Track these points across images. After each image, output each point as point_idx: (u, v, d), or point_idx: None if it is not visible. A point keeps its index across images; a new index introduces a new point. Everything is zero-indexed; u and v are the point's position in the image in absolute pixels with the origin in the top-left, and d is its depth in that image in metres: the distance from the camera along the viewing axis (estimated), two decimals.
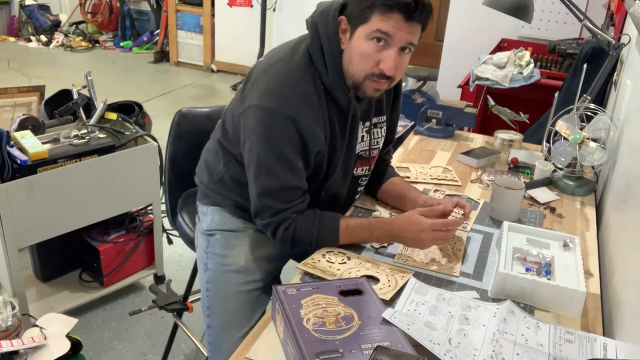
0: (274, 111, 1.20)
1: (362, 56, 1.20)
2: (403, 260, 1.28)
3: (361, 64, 1.21)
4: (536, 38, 3.72)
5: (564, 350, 1.00)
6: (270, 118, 1.20)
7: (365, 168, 1.45)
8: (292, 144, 1.22)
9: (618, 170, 1.54)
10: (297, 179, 1.26)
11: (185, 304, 1.89)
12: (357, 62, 1.21)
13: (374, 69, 1.20)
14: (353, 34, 1.20)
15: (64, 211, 1.94)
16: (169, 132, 1.72)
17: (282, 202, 1.26)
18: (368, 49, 1.19)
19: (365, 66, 1.21)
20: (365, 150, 1.42)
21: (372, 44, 1.18)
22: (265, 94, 1.21)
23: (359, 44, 1.19)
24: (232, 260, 1.37)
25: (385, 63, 1.19)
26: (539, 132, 2.25)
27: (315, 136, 1.24)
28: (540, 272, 1.21)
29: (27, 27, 6.42)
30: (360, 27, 1.19)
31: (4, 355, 1.53)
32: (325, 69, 1.24)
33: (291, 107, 1.20)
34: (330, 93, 1.27)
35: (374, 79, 1.22)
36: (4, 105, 2.24)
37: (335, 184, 1.38)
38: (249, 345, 1.02)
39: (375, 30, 1.17)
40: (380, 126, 1.44)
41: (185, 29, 5.67)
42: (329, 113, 1.27)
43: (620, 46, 1.91)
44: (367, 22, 1.17)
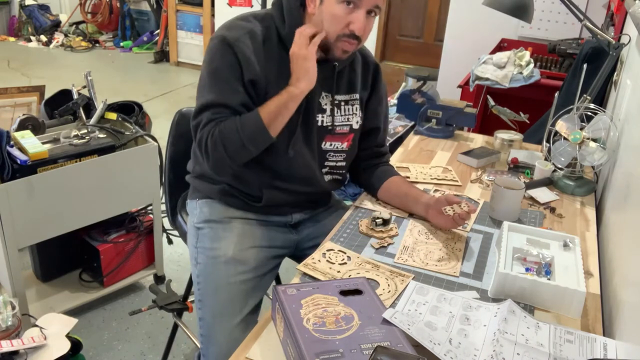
0: (218, 37, 1.34)
1: (333, 18, 1.29)
2: (403, 260, 1.28)
3: (332, 26, 1.30)
4: (536, 38, 3.72)
5: (564, 350, 1.00)
6: (215, 44, 1.34)
7: (335, 144, 1.47)
8: (230, 65, 1.32)
9: (618, 170, 1.54)
10: (235, 99, 1.33)
11: (185, 304, 1.89)
12: (328, 24, 1.30)
13: (344, 30, 1.30)
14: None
15: (64, 211, 1.95)
16: (169, 131, 1.72)
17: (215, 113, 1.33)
18: (339, 12, 1.28)
19: (336, 28, 1.30)
20: (330, 124, 1.44)
21: (342, 7, 1.28)
22: (222, 27, 1.37)
23: (330, 7, 1.29)
24: (220, 252, 1.38)
25: (355, 24, 1.29)
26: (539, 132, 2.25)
27: (250, 63, 1.32)
28: (540, 272, 1.21)
29: (27, 27, 6.43)
30: None
31: (4, 355, 1.53)
32: (282, 21, 1.35)
33: (233, 35, 1.32)
34: (286, 45, 1.34)
35: (345, 40, 1.31)
36: (4, 105, 2.24)
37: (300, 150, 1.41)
38: (249, 345, 1.02)
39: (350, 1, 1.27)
40: (352, 103, 1.47)
41: (185, 29, 5.68)
42: (280, 64, 1.34)
43: (620, 46, 1.92)
44: None
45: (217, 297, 1.33)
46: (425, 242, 1.36)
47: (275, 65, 1.35)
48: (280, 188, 1.44)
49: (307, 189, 1.48)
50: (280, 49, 1.36)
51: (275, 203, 1.45)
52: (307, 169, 1.45)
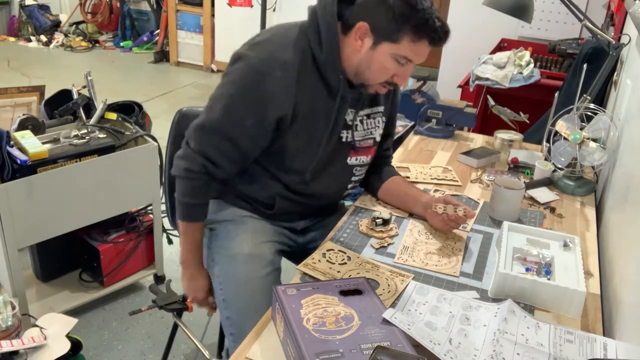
0: (249, 64, 1.26)
1: (382, 70, 1.27)
2: (403, 260, 1.28)
3: (379, 75, 1.28)
4: (536, 38, 3.72)
5: (564, 350, 1.00)
6: (243, 69, 1.27)
7: (360, 158, 1.45)
8: (250, 99, 1.26)
9: (618, 170, 1.54)
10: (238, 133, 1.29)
11: (185, 304, 1.88)
12: (375, 72, 1.28)
13: (388, 79, 1.29)
14: (377, 46, 1.24)
15: (64, 211, 1.94)
16: (169, 131, 1.71)
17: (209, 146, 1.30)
18: (389, 66, 1.25)
19: (382, 77, 1.29)
20: (359, 140, 1.42)
21: (394, 62, 1.25)
22: (253, 47, 1.29)
23: (383, 59, 1.25)
24: (236, 250, 1.37)
25: (401, 78, 1.29)
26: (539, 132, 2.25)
27: (275, 99, 1.27)
28: (540, 272, 1.21)
29: (27, 27, 6.42)
30: (387, 44, 1.23)
31: (4, 355, 1.53)
32: (319, 49, 1.28)
33: (266, 65, 1.25)
34: (321, 71, 1.30)
35: (383, 85, 1.31)
36: (4, 105, 2.24)
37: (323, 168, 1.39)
38: (249, 345, 1.02)
39: (403, 56, 1.24)
40: (374, 117, 1.45)
41: (185, 29, 5.67)
42: (315, 91, 1.31)
43: (620, 46, 1.91)
44: (396, 42, 1.22)
45: (241, 295, 1.33)
46: (425, 242, 1.36)
47: (307, 96, 1.30)
48: (294, 200, 1.44)
49: (321, 203, 1.49)
50: (314, 76, 1.30)
51: (285, 212, 1.46)
52: (330, 188, 1.45)
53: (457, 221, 1.36)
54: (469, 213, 1.35)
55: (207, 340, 2.04)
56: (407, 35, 1.21)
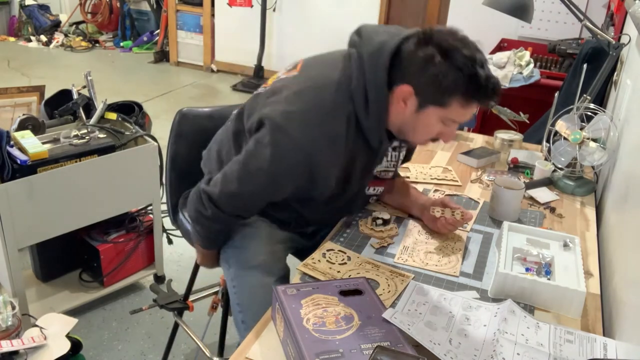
0: (295, 142, 1.18)
1: (427, 131, 1.23)
2: (403, 260, 1.28)
3: (423, 135, 1.25)
4: (536, 38, 3.72)
5: (564, 350, 1.00)
6: (289, 146, 1.18)
7: (378, 188, 1.45)
8: (295, 175, 1.23)
9: (618, 170, 1.54)
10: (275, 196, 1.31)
11: (186, 303, 1.89)
12: (419, 133, 1.25)
13: (433, 137, 1.25)
14: (423, 109, 1.18)
15: (64, 211, 1.94)
16: (170, 131, 1.72)
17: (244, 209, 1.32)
18: (435, 128, 1.21)
19: (426, 137, 1.26)
20: (381, 170, 1.42)
21: (440, 124, 1.21)
22: (295, 119, 1.18)
23: (429, 122, 1.20)
24: (251, 256, 1.36)
25: (447, 137, 1.25)
26: (539, 132, 2.25)
27: (325, 176, 1.24)
28: (540, 272, 1.21)
29: (27, 27, 6.42)
30: (435, 108, 1.17)
31: (4, 355, 1.53)
32: (365, 114, 1.21)
33: (315, 145, 1.18)
34: (364, 134, 1.24)
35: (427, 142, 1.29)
36: (4, 105, 2.24)
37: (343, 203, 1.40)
38: (249, 345, 1.02)
39: (451, 119, 1.20)
40: (399, 150, 1.43)
41: (185, 29, 5.67)
42: (355, 151, 1.25)
43: (620, 46, 1.92)
44: (444, 106, 1.16)
45: (256, 300, 1.32)
46: (425, 242, 1.36)
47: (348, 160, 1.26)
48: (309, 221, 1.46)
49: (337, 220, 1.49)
50: (357, 140, 1.23)
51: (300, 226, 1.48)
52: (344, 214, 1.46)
53: (455, 224, 1.37)
54: (466, 216, 1.35)
55: (207, 339, 2.04)
56: (457, 100, 1.15)
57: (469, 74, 1.12)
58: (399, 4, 4.95)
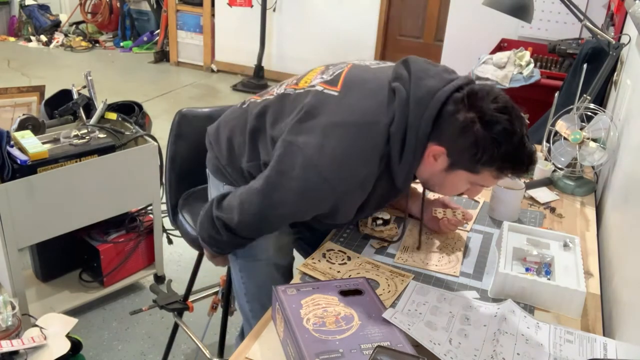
0: (326, 180, 1.14)
1: (454, 189, 1.22)
2: (403, 260, 1.28)
3: (450, 192, 1.25)
4: (536, 38, 3.72)
5: (564, 350, 1.00)
6: (318, 184, 1.14)
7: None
8: (318, 209, 1.22)
9: (618, 170, 1.54)
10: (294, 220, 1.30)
11: (185, 304, 1.89)
12: (446, 189, 1.24)
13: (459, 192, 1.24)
14: (452, 170, 1.16)
15: (64, 211, 1.94)
16: (170, 132, 1.72)
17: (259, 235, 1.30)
18: (462, 187, 1.20)
19: (451, 194, 1.27)
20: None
21: (468, 184, 1.19)
22: (329, 154, 1.13)
23: (457, 182, 1.18)
24: (259, 251, 1.34)
25: (472, 195, 1.24)
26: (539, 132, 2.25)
27: (347, 210, 1.24)
28: (540, 272, 1.21)
29: (27, 27, 6.42)
30: (465, 172, 1.15)
31: (4, 355, 1.53)
32: (399, 157, 1.16)
33: (346, 186, 1.16)
34: (392, 173, 1.20)
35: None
36: (4, 105, 2.24)
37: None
38: (249, 345, 1.02)
39: (480, 184, 1.18)
40: None
41: (185, 29, 5.67)
42: (377, 186, 1.22)
43: (620, 46, 1.91)
44: (475, 173, 1.14)
45: (263, 291, 1.32)
46: (425, 243, 1.36)
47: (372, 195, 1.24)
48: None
49: None
50: (384, 178, 1.20)
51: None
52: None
53: (457, 224, 1.38)
54: (467, 216, 1.36)
55: (207, 339, 2.04)
56: (490, 171, 1.13)
57: (507, 149, 1.09)
58: (399, 4, 4.95)
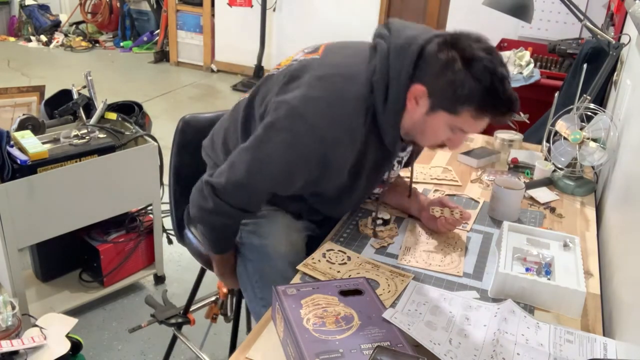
0: (314, 129, 1.14)
1: (434, 136, 1.20)
2: (406, 261, 1.28)
3: (430, 140, 1.23)
4: (536, 38, 3.72)
5: (564, 350, 1.00)
6: (307, 134, 1.14)
7: (382, 189, 1.46)
8: (308, 165, 1.18)
9: (618, 170, 1.54)
10: (284, 190, 1.27)
11: (186, 317, 1.84)
12: (427, 137, 1.22)
13: (440, 143, 1.22)
14: (433, 112, 1.15)
15: (64, 211, 1.94)
16: (173, 141, 1.64)
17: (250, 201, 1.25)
18: (443, 134, 1.19)
19: (433, 142, 1.23)
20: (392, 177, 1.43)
21: (449, 131, 1.18)
22: (315, 104, 1.14)
23: (437, 127, 1.17)
24: (272, 249, 1.31)
25: (453, 144, 1.21)
26: (539, 132, 2.25)
27: (337, 169, 1.21)
28: (540, 272, 1.21)
29: (27, 27, 6.42)
30: (445, 113, 1.14)
31: (4, 355, 1.53)
32: (383, 108, 1.18)
33: (334, 134, 1.15)
34: (379, 129, 1.21)
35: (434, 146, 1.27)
36: (4, 105, 2.24)
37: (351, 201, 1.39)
38: (249, 345, 1.02)
39: (459, 128, 1.16)
40: (405, 155, 1.43)
41: (185, 29, 5.67)
42: (368, 145, 1.22)
43: (620, 46, 1.91)
44: (455, 114, 1.13)
45: None
46: (426, 242, 1.36)
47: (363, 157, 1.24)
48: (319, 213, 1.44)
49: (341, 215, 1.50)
50: (372, 135, 1.21)
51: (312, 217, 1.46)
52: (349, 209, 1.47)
53: (455, 224, 1.37)
54: (465, 215, 1.36)
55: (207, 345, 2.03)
56: (469, 111, 1.11)
57: (486, 87, 1.08)
58: (399, 4, 4.95)
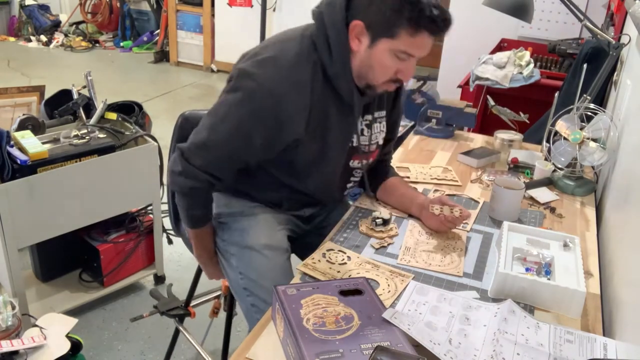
0: (262, 85, 1.21)
1: (383, 68, 1.23)
2: (406, 261, 1.28)
3: (381, 74, 1.25)
4: (536, 38, 3.72)
5: (564, 350, 1.00)
6: (256, 89, 1.21)
7: (362, 161, 1.45)
8: (264, 122, 1.23)
9: (618, 170, 1.54)
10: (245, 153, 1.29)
11: (187, 310, 1.86)
12: (377, 71, 1.25)
13: (392, 77, 1.25)
14: (374, 44, 1.21)
15: (64, 211, 1.94)
16: (172, 136, 1.66)
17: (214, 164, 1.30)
18: (390, 63, 1.22)
19: (384, 76, 1.25)
20: (365, 145, 1.42)
21: (395, 59, 1.21)
22: (261, 65, 1.23)
23: (382, 57, 1.22)
24: (253, 241, 1.38)
25: (405, 74, 1.25)
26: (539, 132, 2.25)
27: (293, 124, 1.25)
28: (540, 272, 1.21)
29: (27, 27, 6.42)
30: (385, 40, 1.20)
31: (4, 355, 1.53)
32: (329, 59, 1.24)
33: (281, 87, 1.21)
34: (332, 83, 1.27)
35: (389, 83, 1.28)
36: (4, 105, 2.24)
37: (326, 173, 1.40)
38: (249, 345, 1.02)
39: (403, 51, 1.20)
40: (379, 121, 1.45)
41: (185, 29, 5.67)
42: (326, 103, 1.28)
43: (620, 46, 1.91)
44: (393, 37, 1.18)
45: (264, 282, 1.33)
46: (426, 242, 1.36)
47: (320, 112, 1.28)
48: (299, 200, 1.47)
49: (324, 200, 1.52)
50: (326, 89, 1.27)
51: (293, 208, 1.49)
52: (330, 187, 1.47)
53: (454, 222, 1.37)
54: (464, 213, 1.36)
55: (208, 343, 2.04)
56: (404, 29, 1.17)
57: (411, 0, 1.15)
58: None
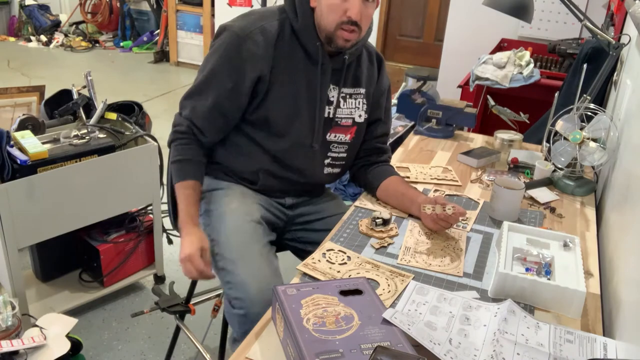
0: (231, 31, 1.39)
1: (330, 8, 1.35)
2: (406, 261, 1.28)
3: (330, 15, 1.35)
4: (536, 38, 3.72)
5: (564, 350, 1.00)
6: (226, 35, 1.39)
7: (339, 135, 1.51)
8: (230, 62, 1.38)
9: (618, 170, 1.54)
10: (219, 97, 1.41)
11: (187, 306, 1.87)
12: (327, 14, 1.36)
13: (342, 17, 1.34)
14: None
15: (64, 211, 1.94)
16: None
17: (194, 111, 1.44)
18: (335, 1, 1.34)
19: (334, 17, 1.35)
20: (340, 117, 1.50)
21: None
22: (236, 19, 1.42)
23: None
24: (225, 207, 1.45)
25: (352, 10, 1.33)
26: (539, 132, 2.25)
27: (256, 61, 1.37)
28: (540, 272, 1.21)
29: (27, 27, 6.43)
30: None
31: (4, 355, 1.53)
32: (295, 16, 1.40)
33: (246, 29, 1.38)
34: (299, 38, 1.41)
35: (344, 27, 1.36)
36: (4, 105, 2.24)
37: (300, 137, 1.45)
38: (249, 345, 1.02)
39: None
40: (356, 97, 1.52)
41: (185, 29, 5.67)
42: (293, 55, 1.41)
43: (620, 46, 1.91)
44: None
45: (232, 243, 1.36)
46: (426, 243, 1.36)
47: (286, 61, 1.41)
48: (276, 175, 1.50)
49: (302, 180, 1.53)
50: (293, 43, 1.42)
51: (269, 188, 1.53)
52: (308, 159, 1.50)
53: (448, 220, 1.36)
54: (458, 211, 1.35)
55: (209, 341, 2.04)
56: None
57: None
58: (399, 4, 4.95)
